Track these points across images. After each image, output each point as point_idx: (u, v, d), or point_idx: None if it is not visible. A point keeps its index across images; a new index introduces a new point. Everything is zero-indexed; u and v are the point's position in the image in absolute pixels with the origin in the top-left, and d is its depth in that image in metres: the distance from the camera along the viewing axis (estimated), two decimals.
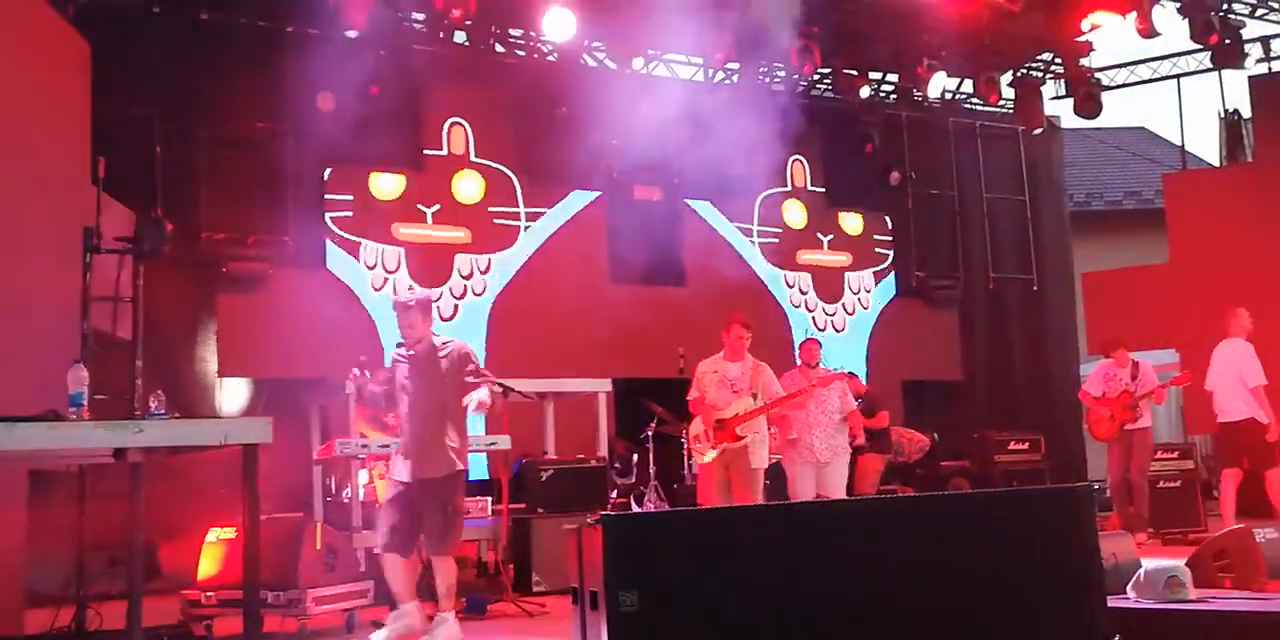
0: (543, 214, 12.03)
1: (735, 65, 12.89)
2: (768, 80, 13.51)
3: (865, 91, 12.84)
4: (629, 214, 12.46)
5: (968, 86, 14.14)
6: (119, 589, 5.87)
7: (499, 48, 12.06)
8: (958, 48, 12.68)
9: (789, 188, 13.68)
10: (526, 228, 11.93)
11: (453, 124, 11.67)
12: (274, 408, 5.25)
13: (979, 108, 14.63)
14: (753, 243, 13.26)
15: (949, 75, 13.29)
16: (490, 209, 11.76)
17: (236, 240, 10.19)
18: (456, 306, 11.43)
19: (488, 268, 11.66)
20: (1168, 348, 12.64)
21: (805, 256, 13.64)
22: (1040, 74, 14.10)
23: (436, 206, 11.42)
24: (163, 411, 4.44)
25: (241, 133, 10.28)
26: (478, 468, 10.56)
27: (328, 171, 10.89)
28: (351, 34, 10.30)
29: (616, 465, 10.18)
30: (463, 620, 6.78)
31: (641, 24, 10.95)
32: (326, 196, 10.89)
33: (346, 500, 8.29)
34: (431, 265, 11.36)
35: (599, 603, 3.79)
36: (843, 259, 13.85)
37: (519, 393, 7.81)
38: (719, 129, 12.31)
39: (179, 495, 7.54)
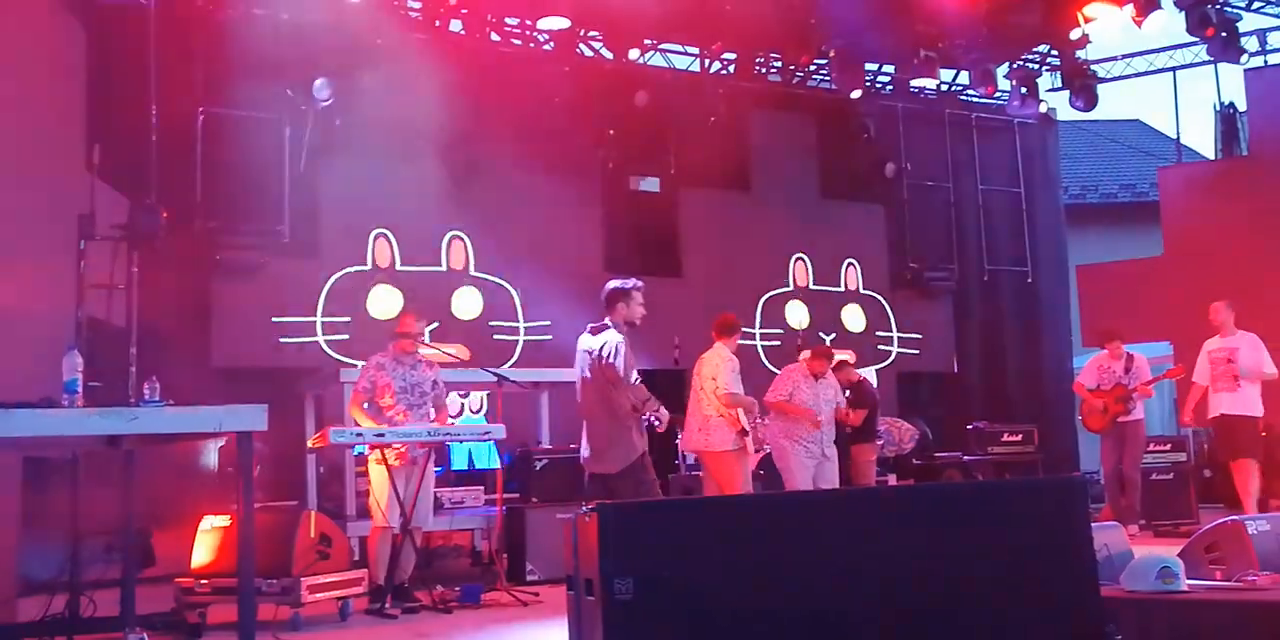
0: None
1: (732, 55, 12.87)
2: (764, 71, 13.51)
3: (858, 92, 12.78)
4: (624, 204, 12.45)
5: (964, 78, 14.15)
6: (113, 576, 5.86)
7: (494, 36, 12.03)
8: (955, 39, 12.68)
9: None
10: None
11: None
12: (268, 396, 5.26)
13: (975, 99, 14.63)
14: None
15: (945, 67, 13.29)
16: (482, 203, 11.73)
17: (231, 229, 10.16)
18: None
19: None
20: (1162, 340, 12.68)
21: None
22: (1037, 66, 14.10)
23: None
24: (157, 399, 4.43)
25: (237, 121, 10.25)
26: (481, 457, 10.65)
27: (323, 159, 10.85)
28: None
29: None
30: (457, 609, 6.81)
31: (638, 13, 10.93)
32: (322, 185, 10.86)
33: (340, 489, 8.32)
34: (423, 250, 11.33)
35: (594, 591, 3.79)
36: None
37: (513, 382, 7.83)
38: None
39: (173, 482, 7.55)
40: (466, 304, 11.42)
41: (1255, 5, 13.18)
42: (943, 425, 13.02)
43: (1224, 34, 12.56)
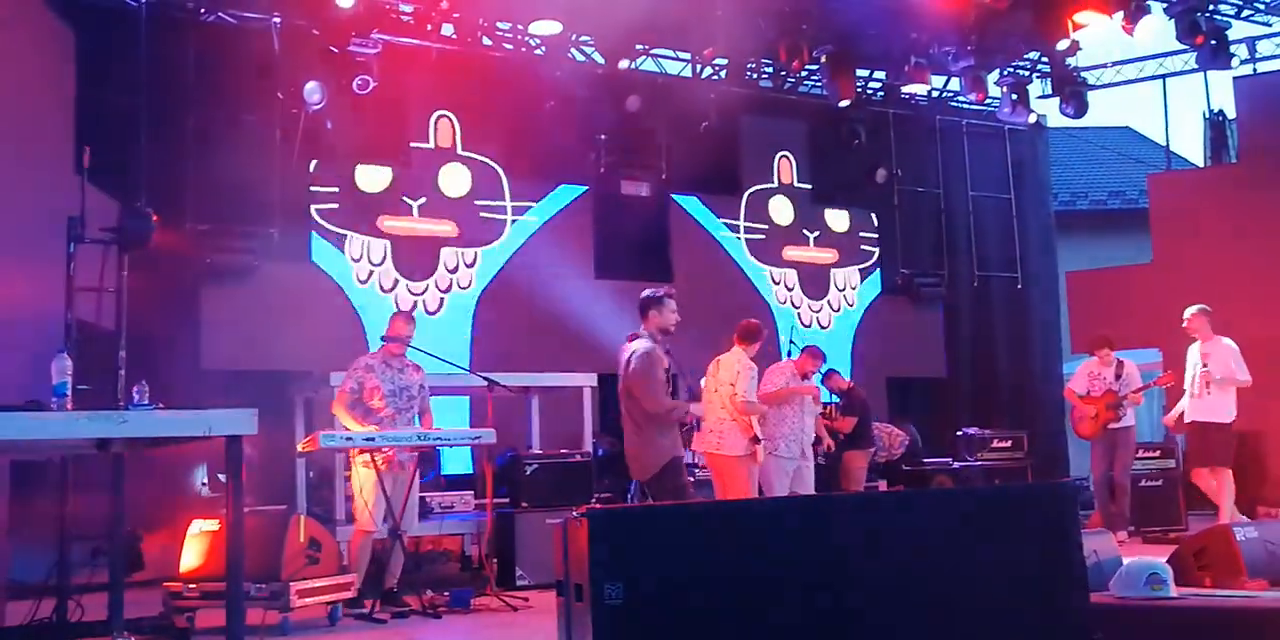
0: (529, 208, 12.01)
1: (723, 61, 12.89)
2: (755, 76, 13.53)
3: (849, 99, 12.79)
4: (615, 209, 12.46)
5: (955, 85, 14.18)
6: (101, 580, 5.85)
7: (486, 41, 12.03)
8: (945, 46, 12.70)
9: (775, 184, 13.69)
10: (513, 222, 11.90)
11: (440, 117, 11.64)
12: (258, 400, 5.26)
13: (965, 106, 14.66)
14: (739, 239, 13.28)
15: (936, 73, 13.32)
16: (476, 202, 11.74)
17: (221, 232, 10.14)
18: (442, 300, 11.41)
19: (474, 261, 11.64)
20: (1151, 347, 12.70)
21: (791, 253, 13.65)
22: (1027, 72, 14.13)
23: (422, 199, 11.39)
24: (146, 402, 4.42)
25: (227, 124, 10.22)
26: (462, 461, 10.63)
27: (313, 164, 10.85)
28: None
29: (601, 459, 10.18)
30: (446, 614, 6.80)
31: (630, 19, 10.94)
32: (312, 189, 10.86)
33: (330, 493, 8.30)
34: (417, 258, 11.33)
35: (584, 595, 3.79)
36: (828, 255, 13.87)
37: (504, 387, 7.82)
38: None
39: (162, 487, 7.53)
40: (458, 317, 11.43)
41: (1245, 13, 13.23)
42: (933, 431, 13.04)
43: (1213, 42, 12.60)
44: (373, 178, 11.18)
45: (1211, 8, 12.71)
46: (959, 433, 12.73)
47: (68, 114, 8.81)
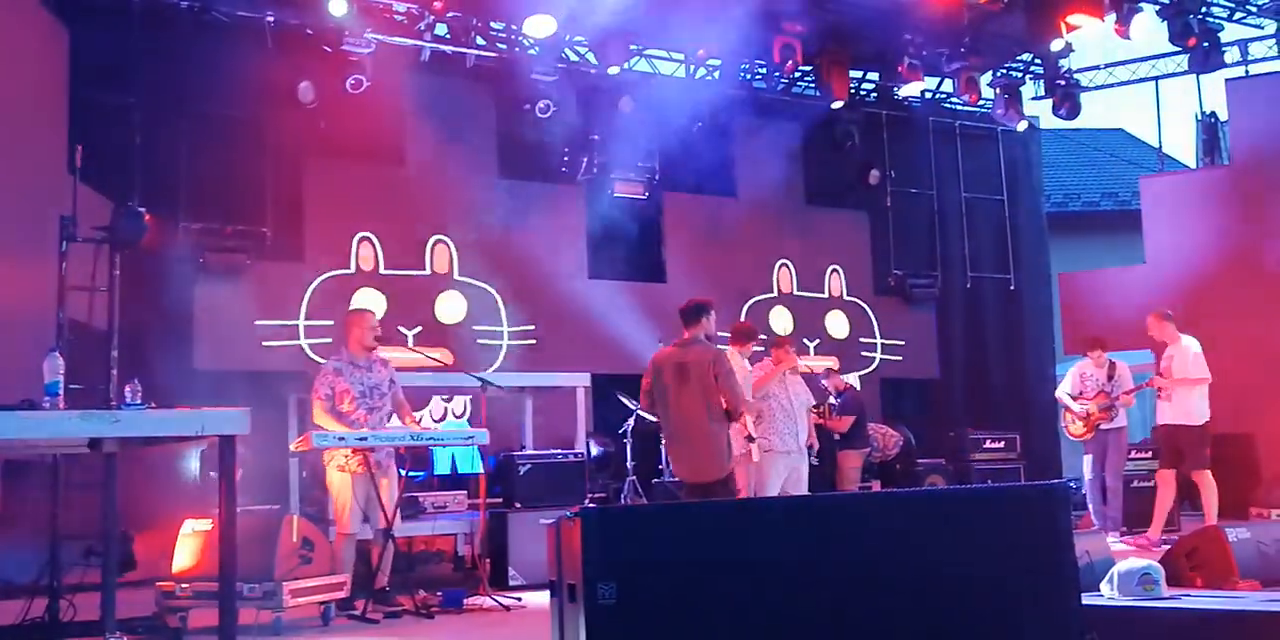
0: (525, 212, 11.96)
1: (717, 62, 12.90)
2: (749, 77, 13.54)
3: (842, 100, 12.80)
4: (609, 209, 12.46)
5: (948, 86, 14.21)
6: (93, 580, 5.84)
7: (480, 41, 12.02)
8: (939, 47, 12.73)
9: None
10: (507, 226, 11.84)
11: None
12: (251, 400, 5.27)
13: (959, 107, 14.68)
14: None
15: (929, 75, 13.34)
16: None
17: (214, 231, 10.12)
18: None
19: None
20: (1143, 349, 12.73)
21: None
22: (1020, 74, 14.16)
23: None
24: (139, 402, 4.41)
25: (221, 123, 10.21)
26: (465, 461, 10.62)
27: (307, 162, 10.82)
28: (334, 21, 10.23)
29: (594, 460, 10.19)
30: (439, 614, 6.80)
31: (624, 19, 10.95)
32: (305, 187, 10.83)
33: (322, 493, 8.28)
34: (409, 252, 11.32)
35: (577, 595, 3.79)
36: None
37: (497, 387, 7.82)
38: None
39: (154, 486, 7.51)
40: (450, 308, 11.40)
41: (1237, 16, 13.27)
42: (925, 432, 13.05)
43: (1206, 44, 12.65)
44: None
45: (1204, 10, 12.75)
46: (951, 433, 12.75)
47: (61, 112, 8.79)
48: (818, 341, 13.44)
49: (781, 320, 13.30)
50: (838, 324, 13.80)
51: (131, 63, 9.69)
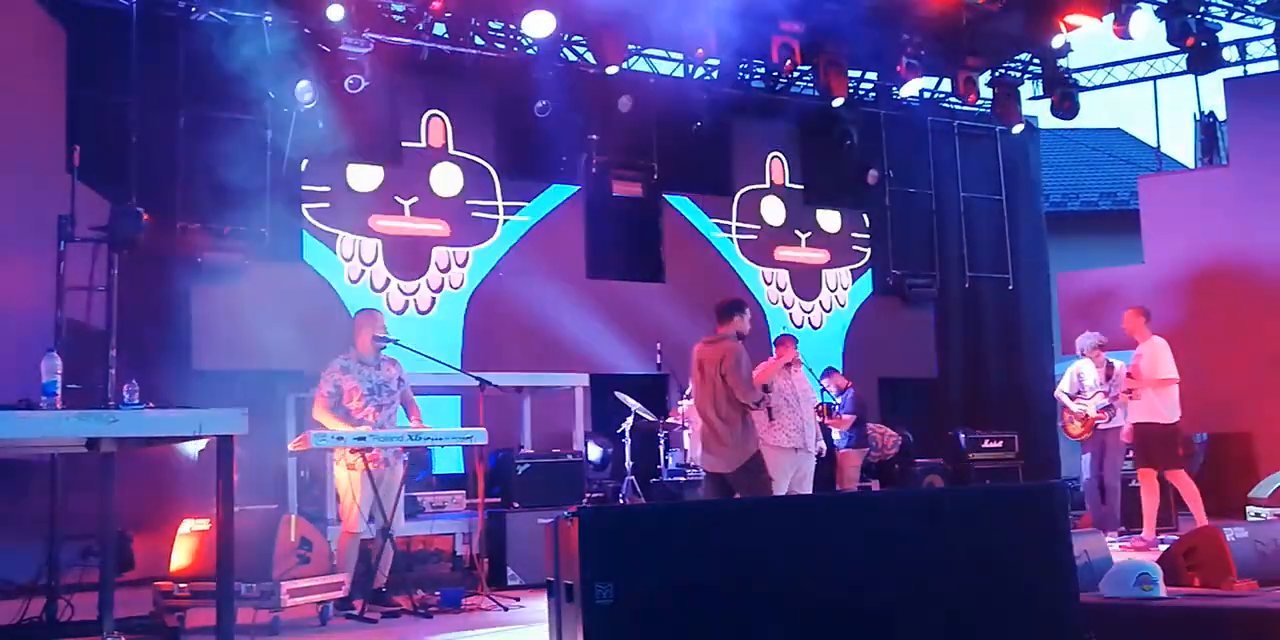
0: (521, 208, 12.01)
1: (715, 61, 12.90)
2: (747, 77, 13.54)
3: (841, 100, 12.79)
4: (607, 209, 12.47)
5: (946, 86, 14.20)
6: (91, 580, 5.84)
7: (478, 40, 12.02)
8: (937, 47, 12.72)
9: (767, 184, 13.70)
10: (504, 221, 11.90)
11: (431, 116, 11.63)
12: (248, 399, 5.27)
13: (957, 107, 14.68)
14: (731, 239, 13.30)
15: (928, 74, 13.34)
16: (469, 202, 11.73)
17: (212, 231, 10.11)
18: (433, 299, 11.40)
19: (466, 261, 11.64)
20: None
21: (783, 253, 13.67)
22: (1018, 74, 14.16)
23: (414, 199, 11.38)
24: (136, 401, 4.41)
25: (218, 123, 10.21)
26: (453, 461, 10.62)
27: (305, 163, 10.83)
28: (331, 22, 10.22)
29: (593, 460, 10.20)
30: (437, 614, 6.80)
31: (623, 19, 10.95)
32: (303, 188, 10.84)
33: (318, 492, 8.28)
34: (409, 257, 11.32)
35: (575, 595, 3.79)
36: (820, 256, 13.88)
37: (495, 387, 7.81)
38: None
39: (152, 486, 7.51)
40: (449, 317, 11.43)
41: (1235, 15, 13.27)
42: (924, 432, 13.06)
43: (1204, 44, 12.65)
44: (364, 177, 11.17)
45: (1202, 10, 12.75)
46: (950, 433, 12.75)
47: (59, 112, 8.79)
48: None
49: (778, 323, 13.31)
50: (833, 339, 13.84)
51: (129, 62, 9.68)
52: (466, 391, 9.30)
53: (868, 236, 14.25)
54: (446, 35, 11.49)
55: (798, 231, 13.74)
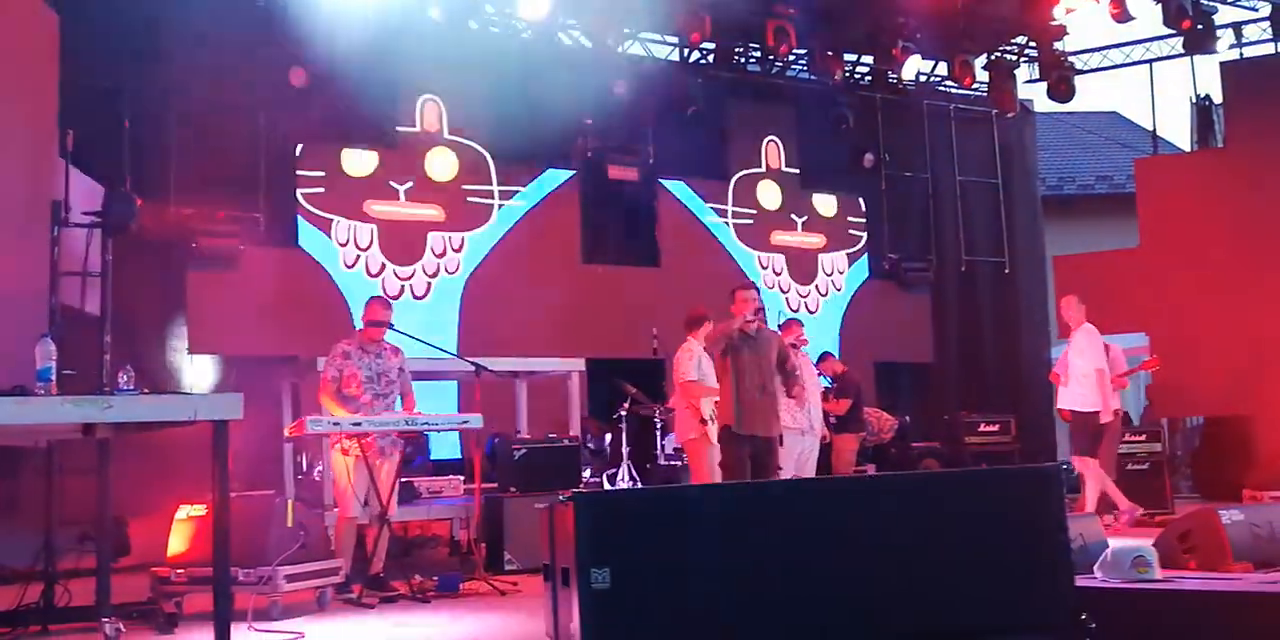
0: (516, 192, 11.99)
1: (710, 44, 12.86)
2: (743, 60, 13.50)
3: (836, 83, 12.76)
4: (603, 193, 12.44)
5: (942, 69, 14.17)
6: (88, 565, 5.84)
7: (473, 24, 11.97)
8: (933, 30, 12.69)
9: (763, 169, 13.68)
10: (500, 206, 11.89)
11: (426, 100, 11.60)
12: (244, 385, 5.29)
13: (953, 90, 14.65)
14: (727, 223, 13.29)
15: (924, 58, 13.30)
16: (464, 187, 11.71)
17: (207, 216, 10.08)
18: (429, 284, 11.39)
19: (461, 246, 11.62)
20: (1137, 332, 12.75)
21: (779, 237, 13.66)
22: (1014, 57, 14.12)
23: (409, 183, 11.36)
24: (132, 387, 4.40)
25: (212, 107, 10.15)
26: (450, 446, 10.63)
27: (299, 147, 10.80)
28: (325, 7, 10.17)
29: (589, 444, 10.20)
30: (435, 599, 6.81)
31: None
32: (298, 173, 10.82)
33: (317, 478, 8.28)
34: (404, 243, 11.31)
35: (571, 580, 3.80)
36: (816, 240, 13.88)
37: (491, 372, 7.81)
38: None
39: (149, 472, 7.50)
40: (445, 302, 11.42)
41: None
42: (920, 416, 13.08)
43: (1200, 26, 12.61)
44: (359, 162, 11.15)
45: None
46: (946, 417, 12.76)
47: (51, 97, 8.73)
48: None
49: (774, 308, 13.30)
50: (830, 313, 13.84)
51: (122, 46, 9.62)
52: (463, 377, 9.31)
53: (864, 221, 14.25)
54: (441, 19, 11.43)
55: (794, 216, 13.73)
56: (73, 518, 6.18)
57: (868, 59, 14.00)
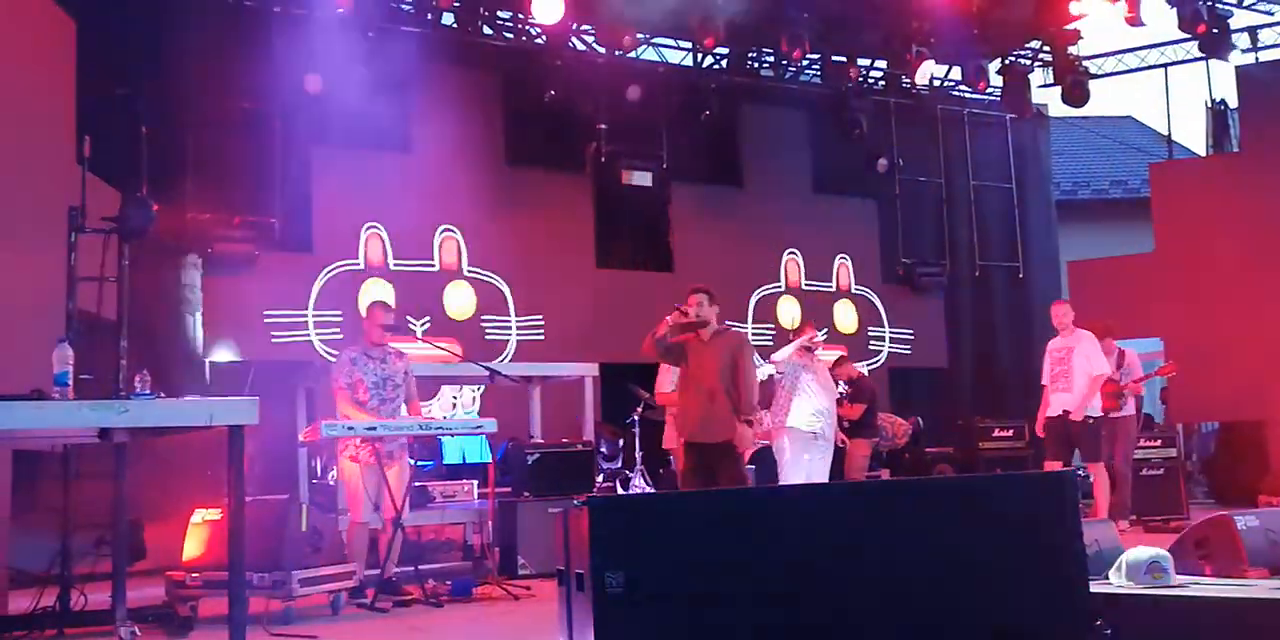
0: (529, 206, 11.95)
1: (724, 49, 12.87)
2: (756, 65, 13.50)
3: (850, 88, 12.74)
4: (616, 198, 12.45)
5: (956, 74, 14.14)
6: (104, 569, 5.86)
7: (487, 30, 12.00)
8: (947, 35, 12.67)
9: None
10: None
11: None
12: (259, 389, 5.31)
13: (967, 95, 14.63)
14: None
15: (938, 62, 13.29)
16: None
17: (223, 221, 10.12)
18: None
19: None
20: (1152, 337, 12.71)
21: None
22: (1028, 62, 14.10)
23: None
24: (148, 392, 4.42)
25: (228, 113, 10.20)
26: (471, 451, 10.63)
27: (315, 153, 10.83)
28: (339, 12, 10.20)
29: (602, 449, 10.20)
30: (448, 603, 6.82)
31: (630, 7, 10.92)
32: (314, 179, 10.84)
33: (332, 482, 8.30)
34: (415, 246, 11.32)
35: (585, 585, 3.79)
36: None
37: (505, 377, 7.82)
38: None
39: (164, 476, 7.53)
40: (459, 301, 11.42)
41: (1247, 2, 13.20)
42: (934, 420, 13.03)
43: (1215, 31, 12.57)
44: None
45: None
46: (960, 422, 12.72)
47: (68, 103, 8.78)
48: (825, 331, 13.41)
49: (790, 311, 13.29)
50: (846, 315, 13.79)
51: (139, 52, 9.67)
52: (477, 382, 9.32)
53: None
54: (455, 25, 11.47)
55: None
56: (89, 522, 6.20)
57: (881, 64, 14.00)
